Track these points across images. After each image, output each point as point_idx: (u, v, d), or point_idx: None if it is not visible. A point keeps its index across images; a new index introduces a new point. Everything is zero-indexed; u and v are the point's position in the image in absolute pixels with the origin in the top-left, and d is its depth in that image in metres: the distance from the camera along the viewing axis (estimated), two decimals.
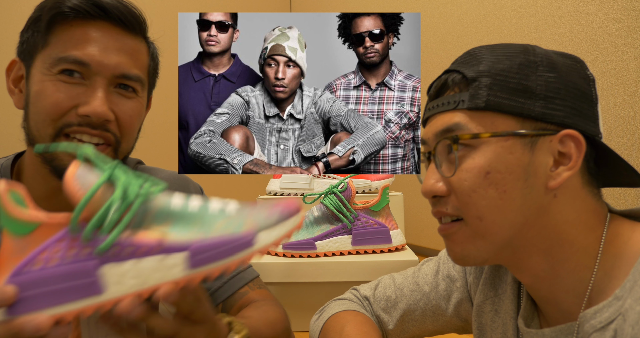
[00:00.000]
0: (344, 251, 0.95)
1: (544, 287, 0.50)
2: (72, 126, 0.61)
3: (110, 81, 0.63)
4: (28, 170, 0.67)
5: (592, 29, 0.99)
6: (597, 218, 0.48)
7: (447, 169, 0.50)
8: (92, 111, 0.60)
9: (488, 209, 0.47)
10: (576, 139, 0.46)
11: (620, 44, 0.95)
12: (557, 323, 0.51)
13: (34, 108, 0.61)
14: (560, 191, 0.47)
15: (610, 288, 0.46)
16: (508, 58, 0.48)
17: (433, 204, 0.51)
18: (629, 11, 0.94)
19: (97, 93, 0.61)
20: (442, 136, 0.49)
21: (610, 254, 0.47)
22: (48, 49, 0.61)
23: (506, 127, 0.47)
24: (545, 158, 0.47)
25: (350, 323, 0.64)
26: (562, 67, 0.48)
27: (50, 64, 0.61)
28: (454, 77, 0.50)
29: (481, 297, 0.60)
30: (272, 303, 0.73)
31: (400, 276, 0.70)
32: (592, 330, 0.45)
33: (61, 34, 0.61)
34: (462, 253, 0.49)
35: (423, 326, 0.67)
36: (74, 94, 0.61)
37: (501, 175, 0.46)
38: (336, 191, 0.95)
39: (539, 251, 0.48)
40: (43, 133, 0.61)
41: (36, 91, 0.61)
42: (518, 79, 0.47)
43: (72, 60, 0.60)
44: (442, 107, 0.50)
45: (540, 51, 0.49)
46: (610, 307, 0.44)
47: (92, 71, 0.61)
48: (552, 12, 1.07)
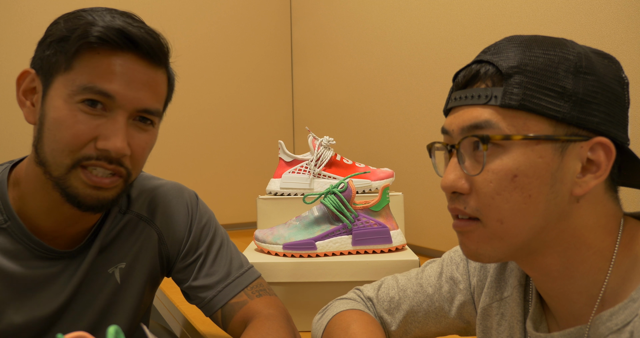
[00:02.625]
0: (344, 251, 0.95)
1: (557, 287, 0.49)
2: (90, 159, 0.60)
3: (130, 114, 0.62)
4: (29, 182, 0.66)
5: (592, 29, 0.99)
6: (615, 221, 0.48)
7: (472, 167, 0.48)
8: (113, 147, 0.60)
9: (510, 213, 0.45)
10: (607, 147, 0.45)
11: (620, 44, 0.95)
12: (567, 326, 0.50)
13: (52, 136, 0.60)
14: (583, 197, 0.46)
15: (624, 291, 0.45)
16: (545, 54, 0.46)
17: (451, 200, 0.49)
18: (629, 11, 0.94)
19: (118, 128, 0.60)
20: (470, 132, 0.47)
21: (625, 256, 0.46)
22: (72, 73, 0.60)
23: (538, 129, 0.45)
24: (574, 164, 0.45)
25: (357, 322, 0.64)
26: (600, 68, 0.46)
27: (73, 91, 0.60)
28: (487, 69, 0.47)
29: (487, 300, 0.60)
30: (276, 322, 0.72)
31: (404, 278, 0.70)
32: (608, 333, 0.44)
33: (88, 61, 0.60)
34: (477, 251, 0.48)
35: (425, 328, 0.67)
36: (94, 125, 0.60)
37: (528, 180, 0.45)
38: (336, 191, 0.95)
39: (555, 252, 0.47)
40: (59, 162, 0.60)
41: (55, 119, 0.60)
42: (555, 80, 0.44)
43: (97, 91, 0.59)
44: (472, 100, 0.47)
45: (578, 49, 0.46)
46: (626, 309, 0.44)
47: (116, 103, 0.60)
48: (552, 12, 1.07)
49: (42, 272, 0.67)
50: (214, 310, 0.77)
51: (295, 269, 0.92)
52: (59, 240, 0.69)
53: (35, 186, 0.65)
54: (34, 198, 0.66)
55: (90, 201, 0.62)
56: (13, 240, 0.65)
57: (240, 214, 2.02)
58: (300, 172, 1.19)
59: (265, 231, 1.00)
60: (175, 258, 0.79)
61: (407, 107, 1.51)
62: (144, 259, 0.76)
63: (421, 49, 1.45)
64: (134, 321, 0.77)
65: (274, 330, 0.69)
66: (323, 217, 0.95)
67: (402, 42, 1.52)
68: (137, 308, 0.76)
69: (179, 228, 0.78)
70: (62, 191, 0.62)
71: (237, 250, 0.83)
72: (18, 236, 0.66)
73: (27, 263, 0.66)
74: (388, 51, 1.58)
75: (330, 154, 1.19)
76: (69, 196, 0.62)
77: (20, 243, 0.66)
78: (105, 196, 0.63)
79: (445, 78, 1.38)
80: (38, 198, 0.65)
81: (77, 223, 0.69)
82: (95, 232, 0.72)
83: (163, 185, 0.81)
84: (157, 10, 1.85)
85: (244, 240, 1.69)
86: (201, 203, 0.83)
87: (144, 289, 0.77)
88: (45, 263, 0.68)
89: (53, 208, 0.66)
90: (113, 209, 0.74)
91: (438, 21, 1.39)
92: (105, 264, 0.73)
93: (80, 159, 0.60)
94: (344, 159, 1.21)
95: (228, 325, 0.77)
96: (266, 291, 0.79)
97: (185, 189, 0.83)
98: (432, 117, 1.42)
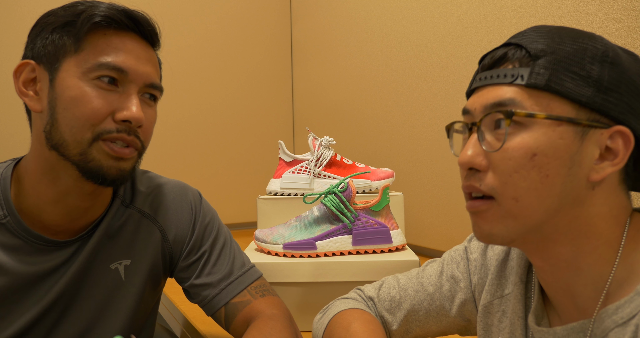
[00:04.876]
0: (344, 251, 0.95)
1: (563, 278, 0.49)
2: (111, 132, 0.63)
3: (140, 89, 0.67)
4: (33, 174, 0.67)
5: (592, 29, 1.00)
6: (625, 214, 0.48)
7: (492, 143, 0.48)
8: (132, 116, 0.64)
9: (527, 191, 0.46)
10: (626, 136, 0.46)
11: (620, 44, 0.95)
12: (569, 320, 0.50)
13: (71, 114, 0.63)
14: (598, 185, 0.47)
15: (629, 284, 0.46)
16: (574, 42, 0.46)
17: (466, 178, 0.49)
18: (629, 11, 0.94)
19: (133, 99, 0.65)
20: (493, 109, 0.47)
21: (632, 249, 0.47)
22: (83, 53, 0.64)
23: (562, 111, 0.45)
24: (592, 150, 0.46)
25: (358, 321, 0.64)
26: (625, 62, 0.47)
27: (87, 69, 0.63)
28: (515, 51, 0.48)
29: (487, 298, 0.60)
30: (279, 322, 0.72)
31: (404, 277, 0.70)
32: (614, 326, 0.44)
33: (97, 40, 0.64)
34: (491, 231, 0.48)
35: (427, 326, 0.67)
36: (111, 100, 0.64)
37: (547, 159, 0.45)
38: (336, 191, 0.95)
39: (566, 240, 0.48)
40: (79, 138, 0.63)
41: (72, 97, 0.63)
42: (582, 65, 0.45)
43: (112, 66, 0.63)
44: (497, 79, 0.48)
45: (606, 42, 0.47)
46: (632, 302, 0.44)
47: (128, 78, 0.65)
48: (552, 12, 1.07)
49: (43, 266, 0.68)
50: (216, 308, 0.77)
51: (296, 269, 0.92)
52: (62, 235, 0.70)
53: (41, 178, 0.66)
54: (38, 191, 0.67)
55: (114, 172, 0.65)
56: (12, 235, 0.66)
57: (240, 214, 2.02)
58: (301, 172, 1.19)
59: (265, 231, 1.00)
60: (178, 257, 0.79)
61: (407, 107, 1.51)
62: (147, 257, 0.76)
63: (421, 49, 1.45)
64: (135, 320, 0.77)
65: (277, 330, 0.70)
66: (323, 217, 0.95)
67: (402, 42, 1.52)
68: (138, 306, 0.76)
69: (182, 227, 0.79)
70: (83, 168, 0.64)
71: (240, 249, 0.84)
72: (17, 232, 0.66)
73: (27, 258, 0.67)
74: (388, 51, 1.58)
75: (330, 154, 1.19)
76: (92, 170, 0.64)
77: (19, 237, 0.67)
78: (124, 167, 0.66)
79: (446, 78, 1.38)
80: (42, 191, 0.67)
81: (81, 216, 0.70)
82: (97, 223, 0.73)
83: (167, 183, 0.81)
84: (157, 10, 1.85)
85: (244, 239, 1.69)
86: (204, 201, 0.84)
87: (144, 287, 0.77)
88: (46, 257, 0.68)
89: (59, 200, 0.67)
90: (116, 201, 0.75)
91: (438, 21, 1.39)
92: (107, 257, 0.73)
93: (101, 133, 0.63)
94: (344, 159, 1.21)
95: (231, 324, 0.77)
96: (269, 292, 0.80)
97: (189, 188, 0.83)
98: (433, 117, 1.42)
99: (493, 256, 0.62)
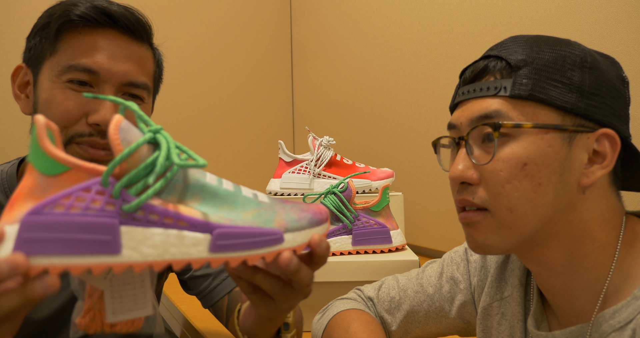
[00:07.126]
0: (344, 251, 0.95)
1: (560, 283, 0.49)
2: (83, 136, 0.62)
3: (118, 89, 0.64)
4: None
5: (592, 29, 0.99)
6: (618, 217, 0.48)
7: (481, 156, 0.48)
8: (102, 119, 0.61)
9: (520, 201, 0.46)
10: (612, 138, 0.46)
11: (620, 44, 0.95)
12: (568, 324, 0.50)
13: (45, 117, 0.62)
14: (589, 189, 0.47)
15: (627, 288, 0.46)
16: (551, 49, 0.47)
17: (459, 192, 0.50)
18: (629, 11, 0.94)
19: (106, 101, 0.61)
20: (480, 122, 0.48)
21: (628, 253, 0.47)
22: (56, 56, 0.62)
23: (548, 119, 0.46)
24: (581, 155, 0.46)
25: (357, 322, 0.64)
26: (603, 66, 0.47)
27: (59, 71, 0.61)
28: (496, 63, 0.48)
29: (487, 300, 0.60)
30: None
31: (404, 278, 0.70)
32: (611, 330, 0.44)
33: (70, 41, 0.62)
34: (485, 242, 0.48)
35: (426, 328, 0.67)
36: (84, 102, 0.61)
37: (538, 168, 0.45)
38: (336, 191, 0.95)
39: (560, 245, 0.48)
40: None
41: (45, 99, 0.62)
42: (562, 72, 0.46)
43: (81, 68, 0.61)
44: (480, 92, 0.48)
45: (582, 47, 0.48)
46: (629, 307, 0.44)
47: (101, 78, 0.62)
48: (552, 12, 1.07)
49: None
50: (216, 299, 0.77)
51: None
52: None
53: None
54: None
55: None
56: None
57: None
58: (300, 172, 1.19)
59: None
60: None
61: (407, 107, 1.51)
62: None
63: (421, 49, 1.45)
64: None
65: None
66: None
67: (402, 42, 1.52)
68: None
69: None
70: None
71: None
72: None
73: None
74: (388, 51, 1.58)
75: (330, 154, 1.19)
76: None
77: None
78: None
79: (445, 78, 1.38)
80: None
81: None
82: None
83: None
84: (157, 10, 1.85)
85: None
86: None
87: None
88: None
89: None
90: None
91: (438, 21, 1.39)
92: None
93: (73, 136, 0.62)
94: (344, 159, 1.21)
95: (233, 312, 0.76)
96: None
97: None
98: (432, 117, 1.42)
99: (493, 259, 0.62)
